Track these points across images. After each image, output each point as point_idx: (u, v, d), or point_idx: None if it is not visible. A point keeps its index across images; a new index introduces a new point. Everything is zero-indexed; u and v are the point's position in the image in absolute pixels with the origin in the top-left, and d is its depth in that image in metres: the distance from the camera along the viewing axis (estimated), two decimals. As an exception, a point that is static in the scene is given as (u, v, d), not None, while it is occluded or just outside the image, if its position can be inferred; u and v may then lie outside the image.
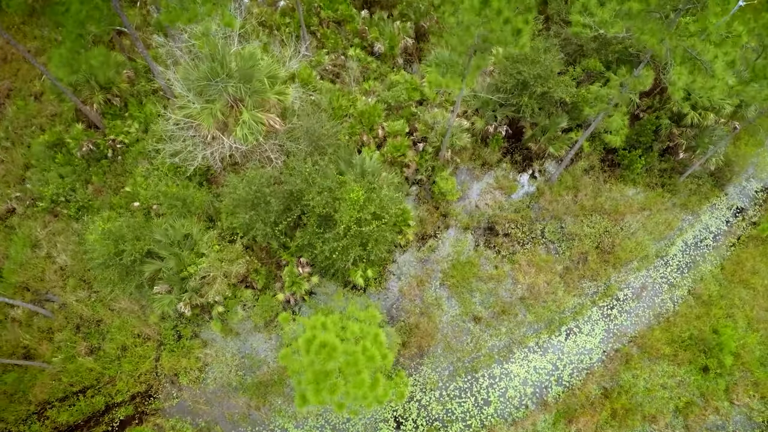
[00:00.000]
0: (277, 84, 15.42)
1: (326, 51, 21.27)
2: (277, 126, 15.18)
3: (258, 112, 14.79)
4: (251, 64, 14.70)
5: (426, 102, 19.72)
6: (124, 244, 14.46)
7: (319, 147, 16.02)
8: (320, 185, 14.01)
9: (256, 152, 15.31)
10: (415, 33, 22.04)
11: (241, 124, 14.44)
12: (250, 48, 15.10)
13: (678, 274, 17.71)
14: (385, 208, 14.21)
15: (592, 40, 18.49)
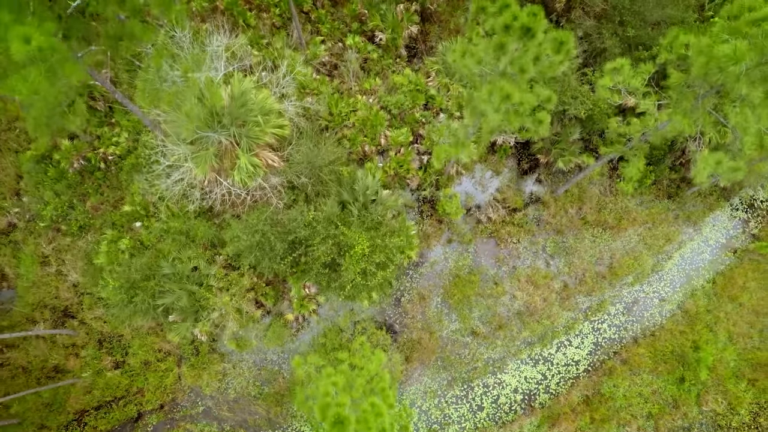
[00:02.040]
0: (273, 118, 14.40)
1: (321, 39, 19.27)
2: (276, 164, 14.55)
3: (255, 151, 14.06)
4: (243, 102, 13.59)
5: (432, 106, 18.49)
6: (136, 290, 14.80)
7: (321, 179, 15.51)
8: (323, 234, 13.93)
9: (256, 191, 14.87)
10: (421, 14, 19.75)
11: (238, 169, 13.84)
12: (242, 85, 13.82)
13: (670, 288, 18.43)
14: (391, 257, 14.30)
15: (617, 43, 16.80)
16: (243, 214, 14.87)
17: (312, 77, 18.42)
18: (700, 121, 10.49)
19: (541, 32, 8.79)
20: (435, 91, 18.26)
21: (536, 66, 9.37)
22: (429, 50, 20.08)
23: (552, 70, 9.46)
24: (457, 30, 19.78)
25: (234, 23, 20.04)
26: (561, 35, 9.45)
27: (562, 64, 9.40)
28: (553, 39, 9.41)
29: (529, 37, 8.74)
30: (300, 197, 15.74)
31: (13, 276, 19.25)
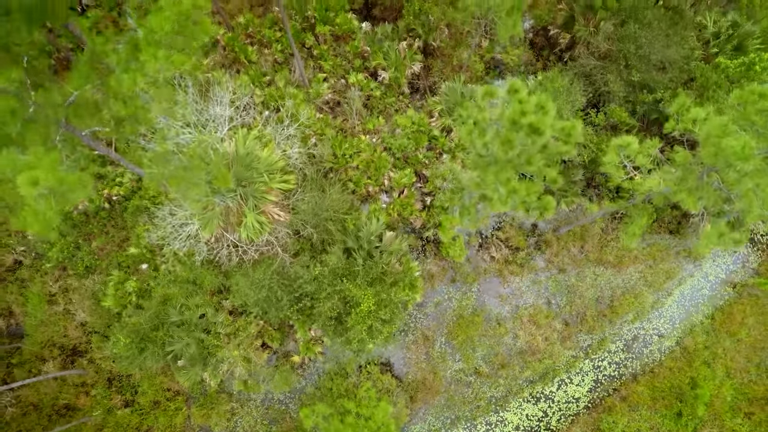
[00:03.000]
0: (279, 174, 14.45)
1: (324, 76, 19.15)
2: (282, 218, 14.64)
3: (261, 207, 14.14)
4: (249, 163, 13.62)
5: (435, 146, 18.48)
6: (146, 343, 15.03)
7: (326, 228, 15.62)
8: (329, 290, 14.11)
9: (262, 246, 14.99)
10: (423, 50, 19.59)
11: (244, 226, 13.94)
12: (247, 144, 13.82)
13: (670, 325, 18.73)
14: (397, 312, 14.51)
15: (622, 87, 16.76)
16: (249, 267, 15.00)
17: (315, 116, 18.38)
18: (705, 198, 10.60)
19: (549, 129, 8.83)
20: (438, 131, 18.25)
21: (543, 153, 9.44)
22: (432, 85, 19.98)
23: (560, 156, 9.52)
24: (460, 65, 19.66)
25: (235, 59, 19.88)
26: (568, 126, 9.51)
27: (569, 153, 9.47)
28: (560, 129, 9.47)
29: (537, 135, 8.79)
30: (305, 246, 15.88)
31: (20, 313, 19.46)
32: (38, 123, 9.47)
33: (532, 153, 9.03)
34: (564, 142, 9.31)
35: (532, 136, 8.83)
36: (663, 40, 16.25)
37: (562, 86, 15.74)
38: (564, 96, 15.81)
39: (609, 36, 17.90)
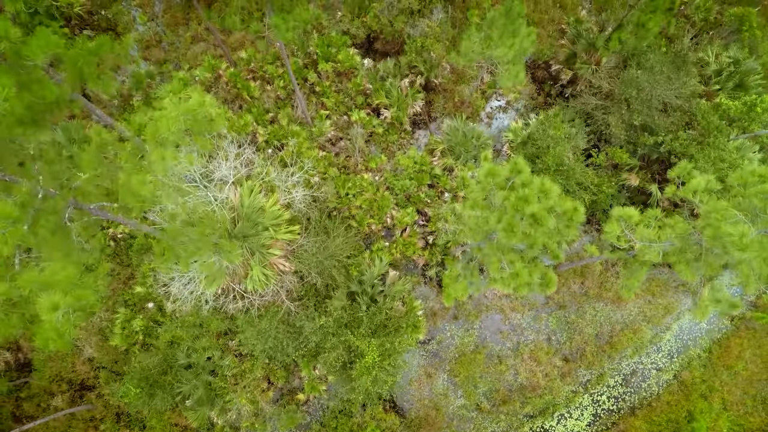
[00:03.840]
0: (284, 225, 14.61)
1: (327, 113, 19.19)
2: (287, 269, 14.84)
3: (266, 259, 14.34)
4: (255, 219, 13.78)
5: (437, 184, 18.60)
6: (155, 389, 15.33)
7: (330, 275, 15.83)
8: (334, 341, 14.37)
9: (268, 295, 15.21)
10: (425, 86, 19.61)
11: (250, 279, 14.14)
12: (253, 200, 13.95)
13: (668, 359, 19.05)
14: (401, 363, 14.79)
15: (623, 130, 16.85)
16: (255, 315, 15.24)
17: (318, 155, 18.47)
18: (703, 270, 10.79)
19: (551, 220, 8.99)
20: (439, 170, 18.35)
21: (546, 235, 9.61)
22: (433, 120, 20.04)
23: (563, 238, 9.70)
24: (462, 101, 19.70)
25: (237, 94, 19.90)
26: (570, 208, 9.67)
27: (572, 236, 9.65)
28: (564, 212, 9.63)
29: (540, 225, 8.95)
30: (310, 291, 16.10)
31: (28, 348, 19.75)
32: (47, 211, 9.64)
33: (536, 239, 9.21)
34: (566, 226, 9.48)
35: (534, 227, 8.99)
36: (665, 84, 16.31)
37: (564, 133, 15.83)
38: (565, 143, 15.92)
39: (611, 75, 17.96)
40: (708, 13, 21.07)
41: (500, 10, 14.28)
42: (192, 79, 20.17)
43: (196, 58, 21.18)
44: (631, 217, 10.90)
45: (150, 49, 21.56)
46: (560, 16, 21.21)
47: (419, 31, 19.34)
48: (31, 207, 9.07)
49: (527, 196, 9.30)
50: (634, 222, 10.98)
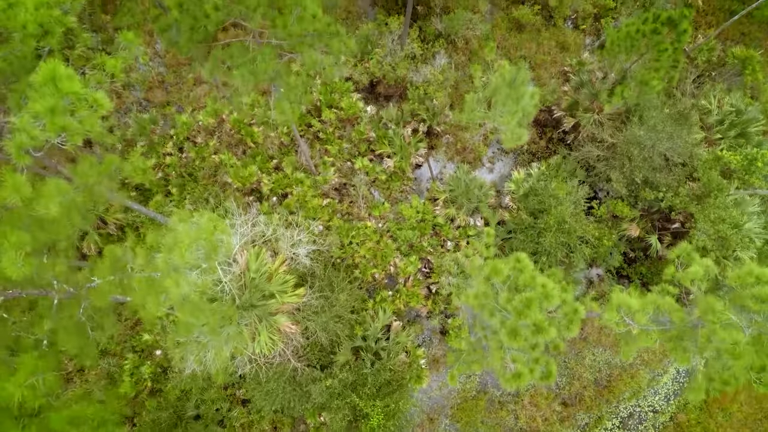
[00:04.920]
0: (290, 289, 14.88)
1: (331, 160, 19.32)
2: (293, 330, 15.15)
3: (273, 325, 14.65)
4: (261, 288, 14.05)
5: (440, 232, 18.82)
6: (165, 447, 15.79)
7: (335, 333, 16.15)
8: (339, 404, 14.75)
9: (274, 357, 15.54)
10: (428, 132, 19.70)
11: (257, 343, 14.46)
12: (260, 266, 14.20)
13: (665, 401, 19.49)
14: (403, 425, 15.19)
15: (625, 186, 17.01)
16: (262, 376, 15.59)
17: (322, 203, 18.65)
18: (699, 356, 11.08)
19: (553, 329, 9.26)
20: (442, 219, 18.56)
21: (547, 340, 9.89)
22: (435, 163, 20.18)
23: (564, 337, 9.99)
24: (464, 147, 19.81)
25: (240, 140, 20.00)
26: (571, 310, 9.93)
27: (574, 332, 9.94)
28: (565, 314, 9.89)
29: (542, 334, 9.22)
30: (315, 348, 16.44)
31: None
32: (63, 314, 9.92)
33: (539, 344, 9.49)
34: (567, 327, 9.76)
35: (536, 334, 9.26)
36: (666, 140, 16.43)
37: (565, 192, 16.01)
38: (567, 202, 16.11)
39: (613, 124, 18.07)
40: (711, 53, 21.09)
41: (503, 75, 14.35)
42: (195, 123, 20.28)
43: (198, 100, 21.22)
44: (631, 305, 11.16)
45: (152, 90, 21.59)
46: (563, 58, 21.20)
47: (422, 78, 19.37)
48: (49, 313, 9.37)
49: (530, 301, 9.55)
50: (633, 310, 11.24)
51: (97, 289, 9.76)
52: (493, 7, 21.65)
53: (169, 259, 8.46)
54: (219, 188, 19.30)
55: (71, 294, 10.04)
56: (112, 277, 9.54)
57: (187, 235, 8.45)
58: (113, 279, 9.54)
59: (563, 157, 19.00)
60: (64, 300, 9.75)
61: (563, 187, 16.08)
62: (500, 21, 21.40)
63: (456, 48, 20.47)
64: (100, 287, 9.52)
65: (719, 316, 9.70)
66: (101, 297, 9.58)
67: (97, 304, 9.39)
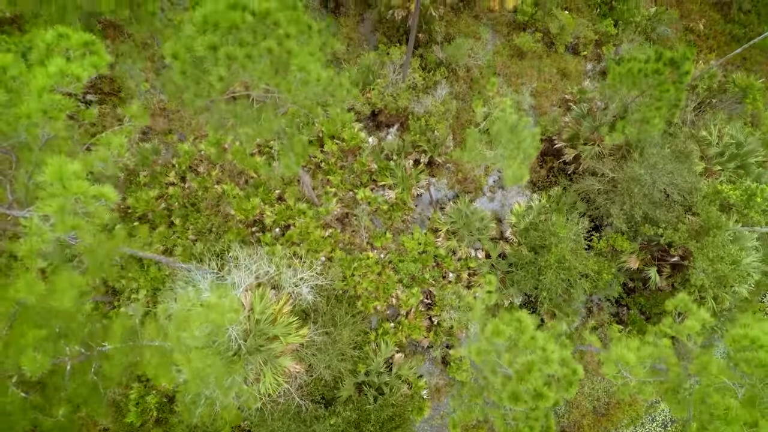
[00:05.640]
0: (294, 330, 15.09)
1: (333, 191, 19.44)
2: (297, 369, 15.38)
3: (278, 367, 14.87)
4: (267, 332, 14.25)
5: (442, 263, 18.99)
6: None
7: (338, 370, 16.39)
8: (344, 444, 15.03)
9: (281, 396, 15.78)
10: (430, 162, 19.78)
11: (263, 383, 14.70)
12: (265, 307, 14.39)
13: (662, 428, 19.80)
14: None
15: (624, 222, 17.16)
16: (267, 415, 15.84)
17: (324, 235, 18.79)
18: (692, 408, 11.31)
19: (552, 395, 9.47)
20: (444, 251, 18.72)
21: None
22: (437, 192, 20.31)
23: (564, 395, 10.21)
24: (465, 177, 19.92)
25: (242, 170, 20.09)
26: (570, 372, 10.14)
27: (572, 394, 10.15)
28: (564, 376, 10.10)
29: (542, 401, 9.43)
30: (319, 383, 16.68)
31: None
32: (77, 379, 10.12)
33: (539, 409, 9.72)
34: (566, 389, 9.98)
35: (536, 400, 9.48)
36: (666, 178, 16.55)
37: (566, 233, 16.16)
38: (568, 240, 16.27)
39: (613, 157, 18.17)
40: (711, 80, 21.13)
41: (505, 119, 14.45)
42: (197, 152, 20.36)
43: (200, 128, 21.26)
44: (628, 361, 11.37)
45: (154, 117, 21.62)
46: (564, 86, 21.24)
47: (423, 108, 19.43)
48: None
49: (531, 365, 9.75)
50: (630, 365, 11.46)
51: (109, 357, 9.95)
52: (494, 34, 21.64)
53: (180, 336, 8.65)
54: (222, 219, 19.43)
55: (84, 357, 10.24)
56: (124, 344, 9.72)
57: (198, 318, 8.61)
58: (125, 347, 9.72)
59: (564, 188, 19.13)
60: (77, 363, 9.95)
61: (564, 226, 16.23)
62: (501, 48, 21.41)
63: (457, 77, 20.50)
64: (112, 355, 9.70)
65: (713, 379, 9.91)
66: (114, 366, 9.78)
67: (110, 373, 9.58)
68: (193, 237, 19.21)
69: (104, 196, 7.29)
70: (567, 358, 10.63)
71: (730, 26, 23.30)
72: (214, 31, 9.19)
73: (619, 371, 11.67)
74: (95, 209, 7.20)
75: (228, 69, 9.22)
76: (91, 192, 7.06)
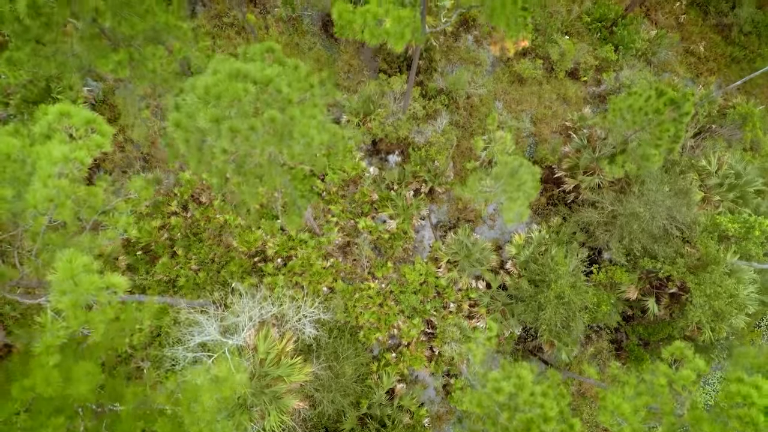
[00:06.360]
0: (297, 371, 15.32)
1: (335, 220, 19.59)
2: (301, 406, 15.64)
3: (282, 407, 15.13)
4: (272, 373, 14.49)
5: (443, 293, 19.20)
6: None
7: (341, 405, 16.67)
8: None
9: (284, 430, 16.05)
10: (430, 192, 19.91)
11: (268, 422, 14.97)
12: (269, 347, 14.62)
13: (659, 452, 20.14)
14: None
15: (624, 255, 17.34)
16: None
17: (326, 265, 18.98)
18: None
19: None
20: (445, 282, 18.91)
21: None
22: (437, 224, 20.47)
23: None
24: (465, 207, 20.05)
25: (245, 200, 20.19)
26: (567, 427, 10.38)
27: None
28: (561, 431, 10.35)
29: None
30: (323, 417, 16.98)
31: None
32: None
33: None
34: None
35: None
36: (665, 214, 16.69)
37: (566, 271, 16.34)
38: (567, 275, 16.45)
39: (613, 188, 18.29)
40: (711, 107, 21.17)
41: (506, 163, 14.56)
42: (199, 181, 20.47)
43: (202, 155, 21.34)
44: (623, 412, 11.62)
45: (155, 145, 21.70)
46: (564, 112, 21.29)
47: (424, 138, 19.51)
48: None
49: (529, 422, 9.99)
50: (626, 415, 11.70)
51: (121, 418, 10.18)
52: (494, 60, 21.64)
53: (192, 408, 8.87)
54: (224, 249, 19.61)
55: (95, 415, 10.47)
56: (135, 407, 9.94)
57: (208, 394, 8.82)
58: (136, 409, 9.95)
59: (563, 218, 19.28)
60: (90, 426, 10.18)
61: (563, 263, 16.41)
62: (501, 74, 21.42)
63: (458, 105, 20.54)
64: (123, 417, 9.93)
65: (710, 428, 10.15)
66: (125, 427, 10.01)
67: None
68: (196, 267, 19.40)
69: (114, 286, 7.45)
70: (565, 412, 10.86)
71: (731, 48, 23.27)
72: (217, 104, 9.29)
73: (616, 421, 11.92)
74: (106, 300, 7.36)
75: (232, 141, 9.33)
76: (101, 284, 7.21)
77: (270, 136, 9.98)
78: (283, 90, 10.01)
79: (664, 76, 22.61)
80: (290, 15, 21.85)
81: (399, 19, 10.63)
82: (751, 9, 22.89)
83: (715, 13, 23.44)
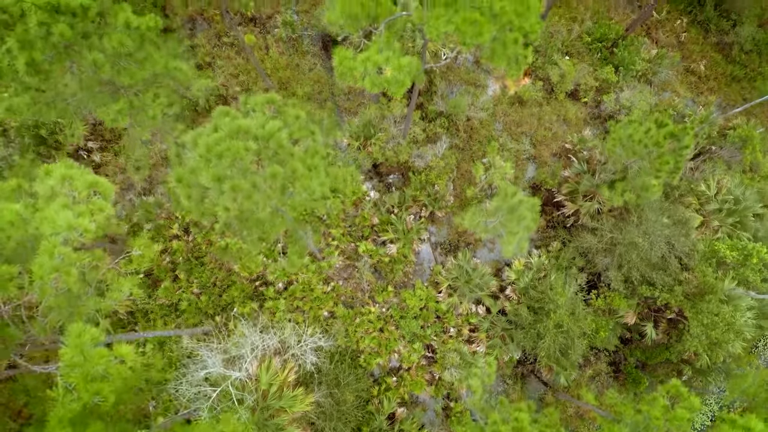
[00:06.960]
0: (299, 402, 15.50)
1: (336, 244, 19.68)
2: None
3: None
4: (275, 405, 14.66)
5: (443, 317, 19.34)
6: None
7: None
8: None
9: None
10: (430, 215, 19.98)
11: (270, 452, 15.17)
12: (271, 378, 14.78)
13: (656, 472, 20.43)
14: None
15: (622, 283, 17.46)
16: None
17: (326, 290, 19.10)
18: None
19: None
20: (445, 306, 19.05)
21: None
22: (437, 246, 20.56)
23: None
24: (465, 230, 20.13)
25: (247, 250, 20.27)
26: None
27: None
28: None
29: None
30: (324, 442, 17.20)
31: None
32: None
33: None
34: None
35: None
36: (664, 244, 16.79)
37: (565, 300, 16.47)
38: (567, 304, 16.59)
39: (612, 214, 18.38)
40: (711, 128, 21.19)
41: (506, 196, 14.63)
42: (200, 204, 20.50)
43: (203, 177, 21.37)
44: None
45: (156, 167, 21.72)
46: (564, 133, 21.30)
47: (424, 162, 19.54)
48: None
49: None
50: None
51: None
52: (494, 80, 21.60)
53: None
54: (225, 273, 19.72)
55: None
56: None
57: None
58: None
59: (563, 242, 19.38)
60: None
61: (562, 293, 16.53)
62: (501, 95, 21.40)
63: (458, 128, 20.55)
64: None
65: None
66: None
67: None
68: (198, 291, 19.53)
69: (122, 355, 7.56)
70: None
71: (732, 67, 23.23)
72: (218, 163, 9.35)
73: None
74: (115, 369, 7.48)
75: (234, 200, 9.40)
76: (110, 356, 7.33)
77: (272, 191, 10.04)
78: (284, 145, 10.07)
79: (664, 95, 22.59)
80: (290, 35, 21.78)
81: (400, 67, 10.62)
82: (752, 27, 22.82)
83: (716, 32, 23.37)
